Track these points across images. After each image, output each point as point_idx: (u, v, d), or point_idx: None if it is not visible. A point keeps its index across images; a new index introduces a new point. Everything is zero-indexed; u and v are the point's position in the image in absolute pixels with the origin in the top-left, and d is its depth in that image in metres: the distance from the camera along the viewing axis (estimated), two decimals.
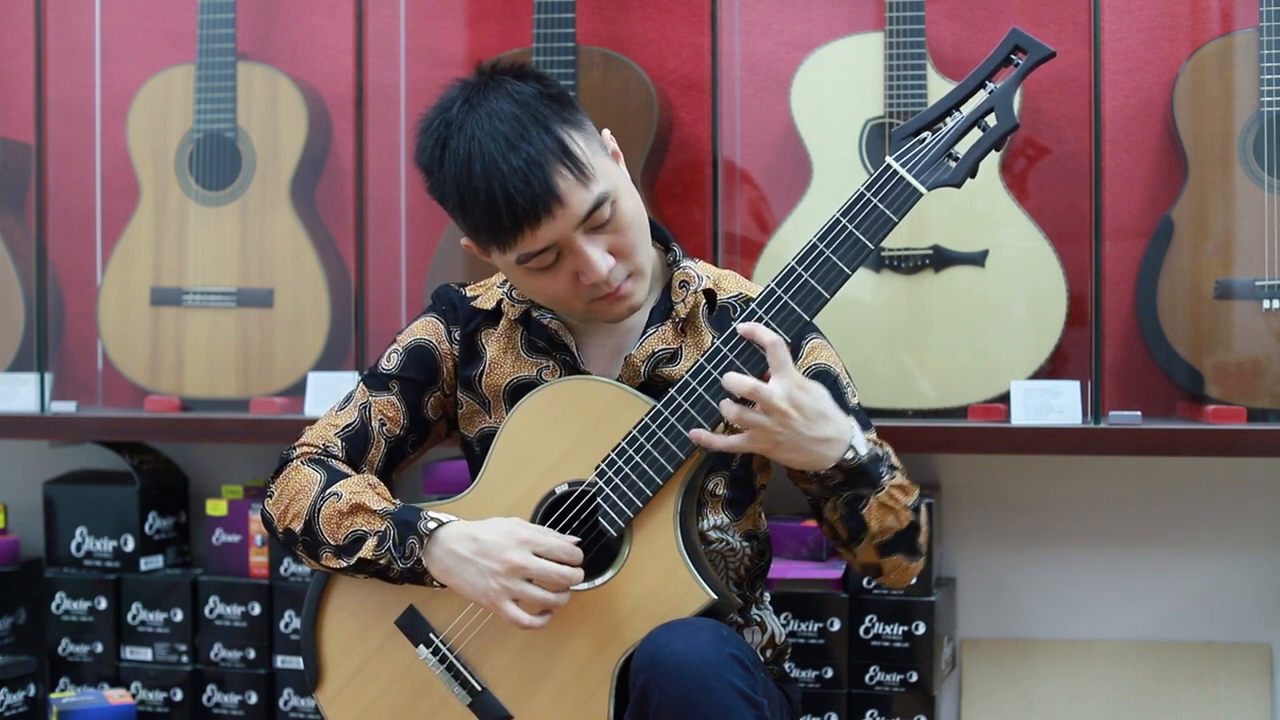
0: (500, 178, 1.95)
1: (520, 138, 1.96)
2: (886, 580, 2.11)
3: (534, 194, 1.95)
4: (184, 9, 3.04)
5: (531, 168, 1.95)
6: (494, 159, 1.95)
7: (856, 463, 1.97)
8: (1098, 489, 2.89)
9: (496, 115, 1.98)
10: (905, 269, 2.73)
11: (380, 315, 3.00)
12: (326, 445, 2.17)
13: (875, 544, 2.04)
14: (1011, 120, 1.96)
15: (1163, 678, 2.83)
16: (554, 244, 1.99)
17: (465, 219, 2.02)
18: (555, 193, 1.96)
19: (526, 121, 1.97)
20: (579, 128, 2.02)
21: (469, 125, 1.98)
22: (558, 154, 1.96)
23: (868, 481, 2.00)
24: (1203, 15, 2.80)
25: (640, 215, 2.08)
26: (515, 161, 1.95)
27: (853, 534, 2.04)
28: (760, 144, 2.93)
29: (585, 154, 1.99)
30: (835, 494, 2.01)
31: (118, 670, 3.00)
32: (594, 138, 2.05)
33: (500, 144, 1.96)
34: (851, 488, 2.00)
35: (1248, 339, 2.66)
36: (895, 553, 2.06)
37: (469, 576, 1.98)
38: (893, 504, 2.02)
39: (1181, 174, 2.72)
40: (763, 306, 1.96)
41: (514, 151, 1.95)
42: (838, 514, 2.03)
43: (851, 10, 2.90)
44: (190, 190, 3.03)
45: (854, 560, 2.09)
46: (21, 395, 3.06)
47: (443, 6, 3.10)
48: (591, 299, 2.05)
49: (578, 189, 1.97)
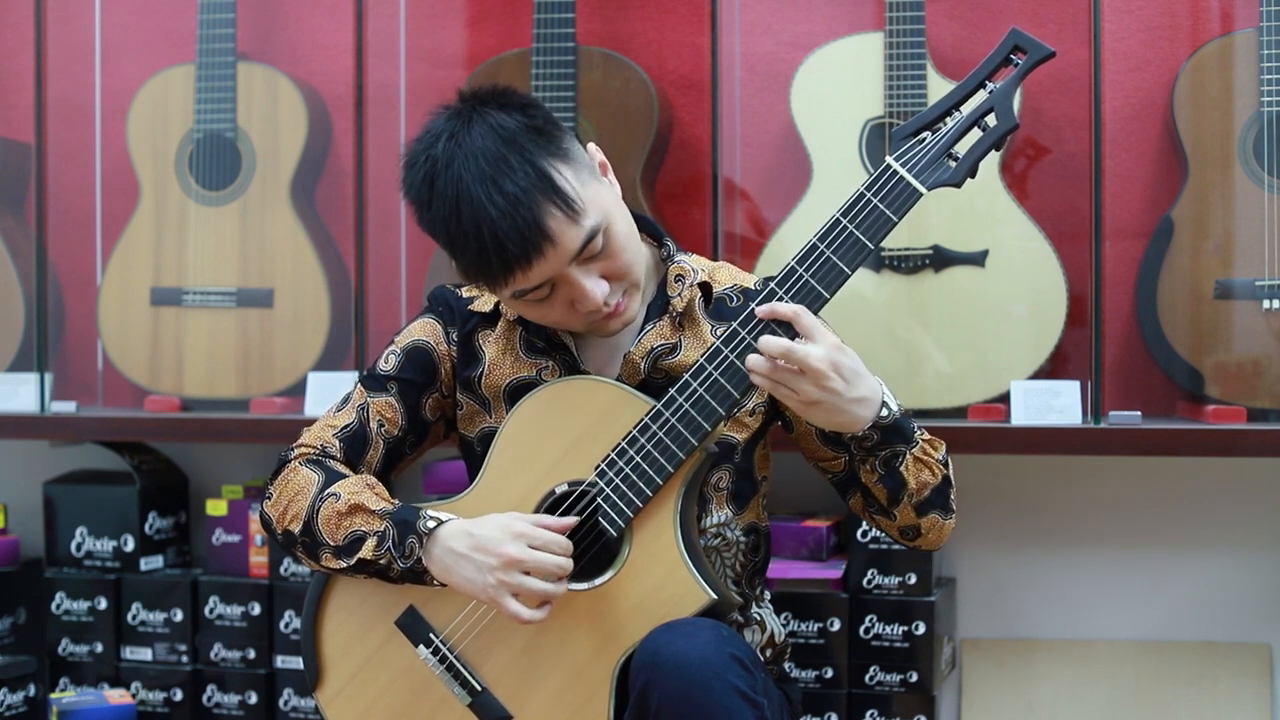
0: (489, 222, 1.92)
1: (505, 178, 1.92)
2: (925, 541, 2.11)
3: (523, 236, 1.92)
4: (184, 9, 3.04)
5: (519, 209, 1.91)
6: (481, 202, 1.92)
7: (891, 419, 1.98)
8: (1098, 489, 2.89)
9: (481, 155, 1.94)
10: (905, 269, 2.73)
11: (380, 315, 3.00)
12: (325, 446, 2.17)
13: (913, 503, 2.05)
14: (1011, 120, 1.96)
15: (1163, 678, 2.83)
16: (548, 280, 1.98)
17: (457, 260, 2.01)
18: (546, 233, 1.93)
19: (512, 159, 1.93)
20: (565, 159, 1.97)
21: (455, 165, 1.95)
22: (546, 192, 1.93)
23: (902, 437, 2.01)
24: (1203, 15, 2.80)
25: (631, 232, 2.05)
26: (502, 204, 1.91)
27: (892, 494, 2.05)
28: (760, 144, 2.93)
29: (574, 188, 1.95)
30: (873, 454, 2.02)
31: (118, 670, 3.00)
32: (582, 165, 2.01)
33: (486, 186, 1.92)
34: (888, 446, 2.01)
35: (1248, 339, 2.66)
36: (931, 510, 2.07)
37: (467, 573, 1.99)
38: (926, 458, 2.04)
39: (1181, 174, 2.72)
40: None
41: (500, 193, 1.92)
42: (875, 475, 2.04)
43: (851, 10, 2.90)
44: (190, 190, 3.03)
45: (892, 526, 2.10)
46: (21, 395, 3.06)
47: (443, 6, 3.10)
48: (590, 320, 2.05)
49: (568, 226, 1.95)
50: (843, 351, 1.92)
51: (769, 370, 1.91)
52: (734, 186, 2.92)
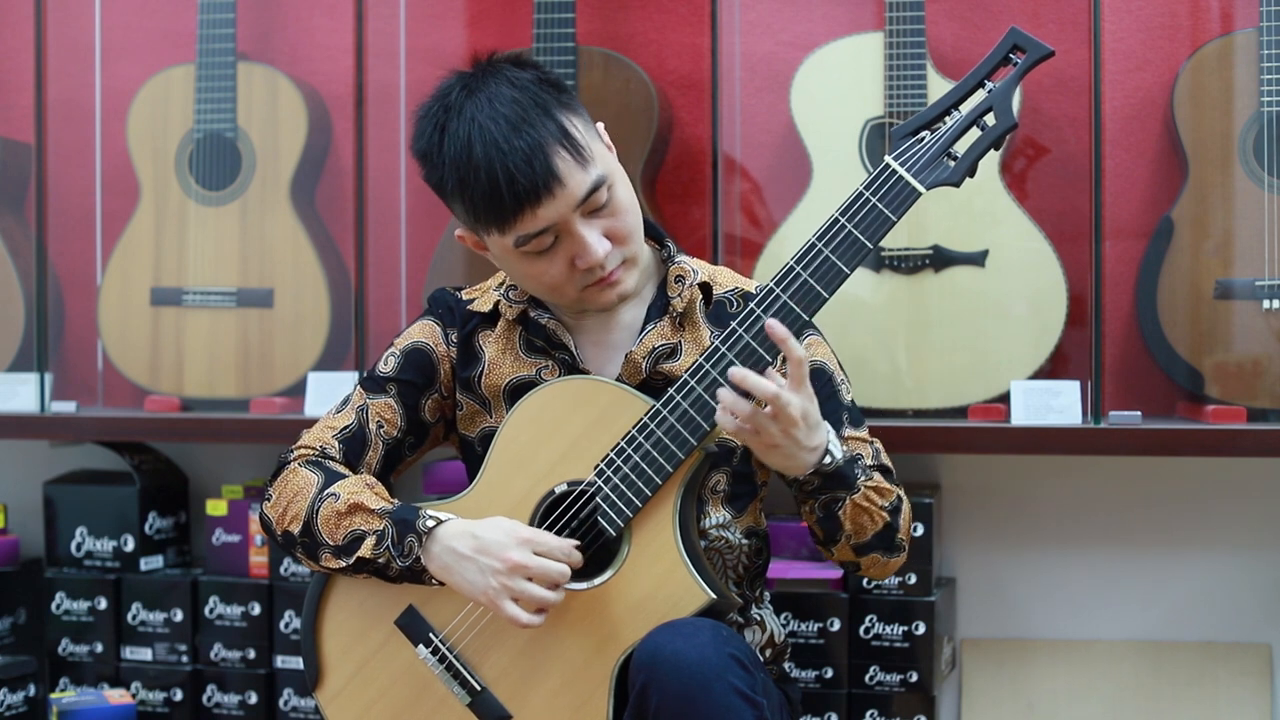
0: (501, 157, 1.98)
1: (522, 120, 1.99)
2: (866, 574, 2.14)
3: (535, 174, 1.98)
4: (184, 9, 3.05)
5: (534, 149, 1.98)
6: (495, 140, 1.98)
7: (833, 467, 1.99)
8: (1098, 489, 2.89)
9: (497, 99, 2.01)
10: (905, 269, 2.73)
11: (380, 315, 3.00)
12: (324, 447, 2.17)
13: (851, 544, 2.06)
14: (1010, 119, 1.96)
15: (1163, 678, 2.83)
16: (552, 225, 2.01)
17: (464, 201, 2.04)
18: (555, 173, 1.99)
19: (527, 105, 2.01)
20: (577, 113, 2.06)
21: (468, 109, 2.02)
22: (558, 137, 2.00)
23: (843, 485, 2.01)
24: (1203, 15, 2.79)
25: (634, 203, 2.10)
26: (517, 143, 1.98)
27: (829, 535, 2.06)
28: (760, 144, 2.93)
29: (584, 138, 2.03)
30: (812, 497, 2.03)
31: (118, 670, 3.00)
32: (590, 124, 2.09)
33: (502, 126, 1.99)
34: (828, 491, 2.02)
35: (1248, 339, 2.66)
36: (871, 551, 2.08)
37: (469, 574, 1.99)
38: (868, 505, 2.04)
39: (1181, 174, 2.72)
40: (762, 305, 1.95)
41: (516, 133, 1.98)
42: (814, 516, 2.05)
43: (851, 10, 2.90)
44: (190, 190, 3.03)
45: (831, 558, 2.12)
46: (21, 395, 3.07)
47: (443, 6, 3.10)
48: (585, 285, 2.07)
49: (576, 171, 2.00)
50: (812, 401, 1.93)
51: (747, 414, 1.89)
52: (734, 186, 2.91)
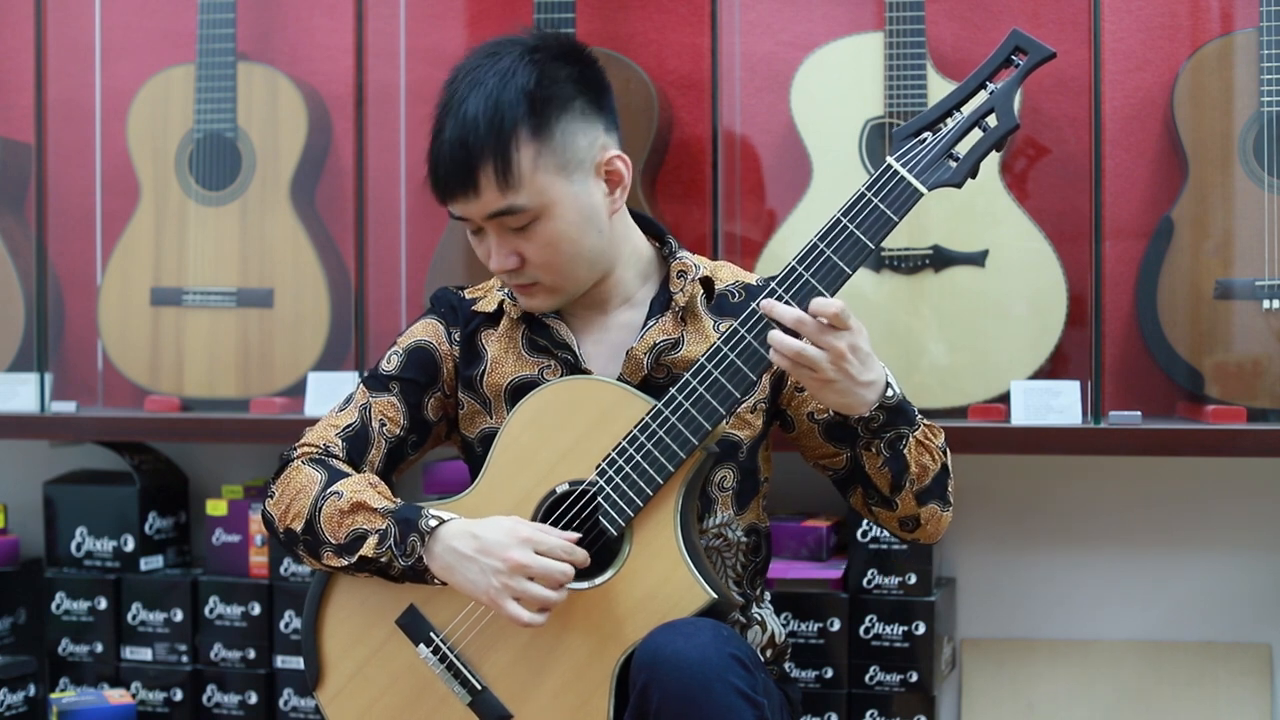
0: (446, 144, 2.04)
1: (481, 119, 2.03)
2: (923, 534, 2.12)
3: (460, 172, 2.04)
4: (184, 9, 3.04)
5: (470, 151, 2.03)
6: (453, 124, 2.04)
7: (896, 400, 2.01)
8: (1098, 489, 2.89)
9: (483, 89, 2.04)
10: (905, 269, 2.73)
11: (380, 315, 3.00)
12: (327, 445, 2.17)
13: (914, 490, 2.06)
14: (1012, 121, 1.96)
15: (1163, 678, 2.84)
16: (470, 220, 2.08)
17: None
18: (474, 182, 2.04)
19: (500, 109, 2.03)
20: (542, 141, 2.04)
21: (464, 82, 2.06)
22: (496, 153, 2.02)
23: (906, 419, 2.03)
24: (1203, 15, 2.80)
25: (579, 245, 2.09)
26: (461, 138, 2.03)
27: (895, 479, 2.06)
28: (760, 144, 2.93)
29: (521, 167, 2.03)
30: (877, 436, 2.03)
31: (118, 670, 3.00)
32: (558, 156, 2.05)
33: (462, 114, 2.03)
34: (893, 427, 2.02)
35: (1248, 339, 2.66)
36: (931, 499, 2.08)
37: (470, 574, 1.99)
38: (928, 442, 2.06)
39: (1181, 174, 2.72)
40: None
41: (466, 128, 2.03)
42: (880, 459, 2.05)
43: (851, 10, 2.90)
44: (190, 190, 3.03)
45: (892, 518, 2.11)
46: (21, 395, 3.06)
47: (443, 6, 3.10)
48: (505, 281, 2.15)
49: (493, 189, 2.04)
50: (859, 333, 1.94)
51: (794, 353, 1.91)
52: (734, 186, 2.92)
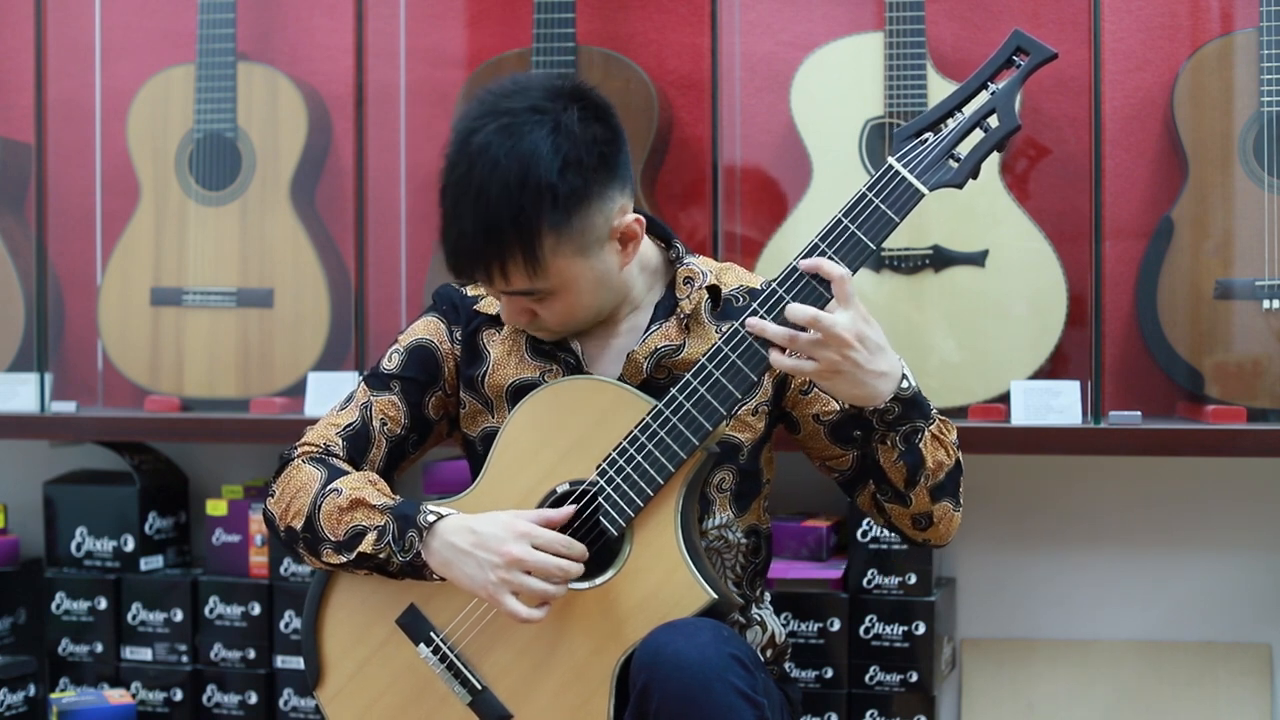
0: (467, 236, 1.98)
1: (505, 218, 1.96)
2: (934, 533, 2.11)
3: (479, 265, 2.00)
4: (184, 9, 3.05)
5: (493, 247, 1.97)
6: (475, 211, 1.97)
7: (911, 392, 2.00)
8: (1098, 489, 2.89)
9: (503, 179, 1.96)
10: (905, 269, 2.73)
11: (380, 315, 3.00)
12: (328, 444, 2.17)
13: (929, 486, 2.05)
14: (1013, 121, 1.96)
15: (1163, 678, 2.84)
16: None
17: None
18: (497, 275, 2.00)
19: (523, 211, 1.96)
20: (564, 229, 1.98)
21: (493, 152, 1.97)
22: (521, 249, 1.97)
23: (921, 413, 2.02)
24: (1203, 15, 2.80)
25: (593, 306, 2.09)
26: (483, 230, 1.97)
27: (910, 474, 2.04)
28: (760, 144, 2.93)
29: (546, 256, 1.99)
30: (893, 429, 2.02)
31: (118, 670, 3.00)
32: (577, 237, 2.00)
33: (488, 210, 1.96)
34: (909, 420, 2.02)
35: (1248, 339, 2.66)
36: (944, 496, 2.07)
37: (468, 569, 1.99)
38: (942, 437, 2.05)
39: (1181, 174, 2.72)
40: (765, 305, 1.96)
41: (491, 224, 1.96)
42: (895, 452, 2.03)
43: (851, 10, 2.90)
44: (190, 190, 3.03)
45: (904, 515, 2.09)
46: (21, 395, 3.06)
47: (443, 6, 3.10)
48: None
49: (516, 277, 2.00)
50: (868, 323, 1.94)
51: (788, 339, 1.91)
52: (734, 186, 2.92)
